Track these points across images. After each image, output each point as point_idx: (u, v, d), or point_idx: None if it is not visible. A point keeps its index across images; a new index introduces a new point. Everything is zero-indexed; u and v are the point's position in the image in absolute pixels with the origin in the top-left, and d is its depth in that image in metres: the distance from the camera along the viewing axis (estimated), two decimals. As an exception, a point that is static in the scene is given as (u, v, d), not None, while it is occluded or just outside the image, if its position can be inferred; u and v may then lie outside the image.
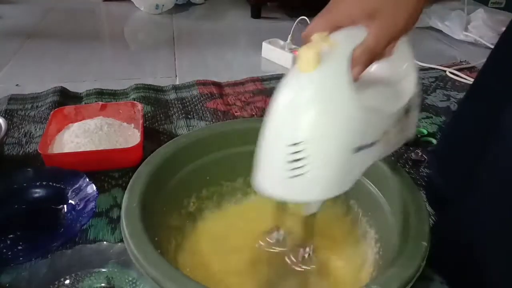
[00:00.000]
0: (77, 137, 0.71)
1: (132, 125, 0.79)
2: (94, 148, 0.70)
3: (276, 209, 0.46)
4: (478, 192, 0.47)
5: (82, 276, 0.50)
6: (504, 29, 0.53)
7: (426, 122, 0.89)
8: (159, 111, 0.90)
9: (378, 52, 0.40)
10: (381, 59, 0.43)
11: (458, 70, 1.11)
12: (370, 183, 0.53)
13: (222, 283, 0.49)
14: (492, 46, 0.57)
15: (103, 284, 0.49)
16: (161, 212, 0.50)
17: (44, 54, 1.21)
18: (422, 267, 0.40)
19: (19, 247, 0.56)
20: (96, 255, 0.51)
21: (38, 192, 0.64)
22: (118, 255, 0.51)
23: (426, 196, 0.61)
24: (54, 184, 0.64)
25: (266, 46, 1.19)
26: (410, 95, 0.43)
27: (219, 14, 1.60)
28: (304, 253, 0.44)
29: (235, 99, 0.96)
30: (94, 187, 0.61)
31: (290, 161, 0.36)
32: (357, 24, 0.39)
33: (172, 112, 0.90)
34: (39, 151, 0.67)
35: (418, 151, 0.77)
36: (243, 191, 0.60)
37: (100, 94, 0.96)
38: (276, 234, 0.47)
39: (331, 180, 0.38)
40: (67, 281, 0.49)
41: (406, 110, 0.43)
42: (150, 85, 1.00)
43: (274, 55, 1.18)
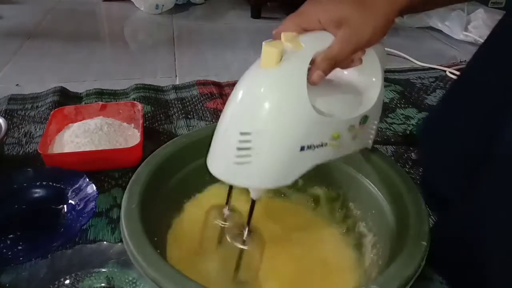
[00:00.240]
0: (77, 137, 0.71)
1: (132, 125, 0.79)
2: (94, 148, 0.70)
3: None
4: (478, 192, 0.47)
5: (82, 276, 0.50)
6: (495, 25, 0.52)
7: (426, 122, 0.89)
8: (159, 111, 0.90)
9: (340, 60, 0.41)
10: (350, 67, 0.45)
11: (458, 70, 1.10)
12: (370, 183, 0.53)
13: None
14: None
15: (103, 284, 0.50)
16: (161, 212, 0.50)
17: (44, 54, 1.21)
18: (422, 267, 0.40)
19: (19, 247, 0.56)
20: (96, 255, 0.51)
21: (38, 192, 0.64)
22: (118, 255, 0.51)
23: (423, 195, 0.60)
24: (54, 184, 0.64)
25: (266, 46, 1.19)
26: (370, 106, 0.45)
27: (219, 14, 1.60)
28: (238, 232, 0.45)
29: (235, 99, 0.96)
30: (94, 187, 0.61)
31: (239, 148, 0.38)
32: (326, 30, 0.41)
33: (172, 112, 0.90)
34: (39, 151, 0.67)
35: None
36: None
37: (100, 94, 0.96)
38: (225, 211, 0.49)
39: (274, 172, 0.40)
40: (67, 281, 0.49)
41: (364, 120, 0.45)
42: (150, 85, 1.00)
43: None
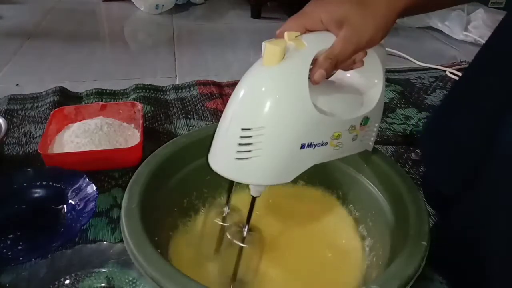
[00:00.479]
0: (77, 137, 0.71)
1: (132, 125, 0.79)
2: (94, 148, 0.70)
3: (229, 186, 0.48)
4: (478, 192, 0.47)
5: (82, 276, 0.50)
6: (497, 25, 0.52)
7: (426, 122, 0.89)
8: (159, 111, 0.90)
9: (342, 59, 0.42)
10: (352, 69, 0.45)
11: (458, 70, 1.11)
12: (370, 183, 0.53)
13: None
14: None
15: (103, 284, 0.49)
16: (161, 212, 0.50)
17: (44, 54, 1.21)
18: (422, 267, 0.40)
19: (19, 247, 0.56)
20: (96, 255, 0.51)
21: (38, 192, 0.64)
22: (118, 255, 0.51)
23: (424, 195, 0.60)
24: (54, 184, 0.64)
25: (266, 46, 1.19)
26: (371, 107, 0.46)
27: (219, 14, 1.60)
28: (237, 230, 0.46)
29: (235, 99, 0.96)
30: (94, 187, 0.61)
31: (240, 144, 0.39)
32: (328, 30, 0.41)
33: (172, 112, 0.90)
34: (39, 151, 0.67)
35: (418, 151, 0.77)
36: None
37: (100, 94, 0.96)
38: (226, 209, 0.49)
39: (274, 169, 0.40)
40: (67, 281, 0.49)
41: (365, 121, 0.46)
42: (150, 85, 1.00)
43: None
